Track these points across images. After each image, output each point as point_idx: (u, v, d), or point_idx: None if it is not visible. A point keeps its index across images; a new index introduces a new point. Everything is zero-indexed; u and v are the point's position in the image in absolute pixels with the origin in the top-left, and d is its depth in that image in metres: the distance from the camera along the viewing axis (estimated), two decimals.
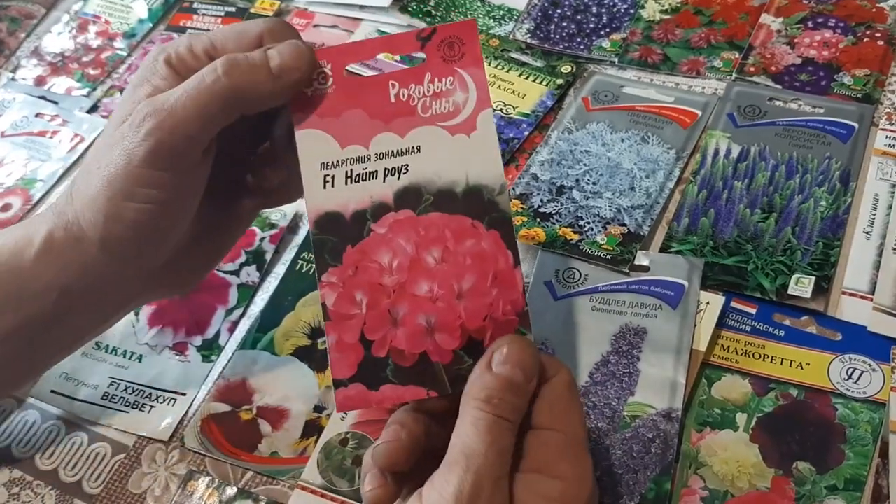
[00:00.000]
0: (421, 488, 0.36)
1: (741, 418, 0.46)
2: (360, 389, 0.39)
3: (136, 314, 0.56)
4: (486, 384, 0.36)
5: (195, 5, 0.78)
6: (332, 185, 0.40)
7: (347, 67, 0.41)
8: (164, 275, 0.45)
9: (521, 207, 0.58)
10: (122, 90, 0.72)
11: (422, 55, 0.41)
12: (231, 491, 0.47)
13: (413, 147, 0.40)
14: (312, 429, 0.49)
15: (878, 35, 0.65)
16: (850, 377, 0.47)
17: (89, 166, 0.41)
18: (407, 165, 0.40)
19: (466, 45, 0.40)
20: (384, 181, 0.40)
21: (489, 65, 0.67)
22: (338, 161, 0.40)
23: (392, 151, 0.40)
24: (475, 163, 0.40)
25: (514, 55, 0.68)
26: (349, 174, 0.40)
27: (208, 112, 0.39)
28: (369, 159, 0.40)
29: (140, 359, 0.54)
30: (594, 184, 0.58)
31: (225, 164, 0.44)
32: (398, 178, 0.40)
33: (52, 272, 0.42)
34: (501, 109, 0.64)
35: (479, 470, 0.34)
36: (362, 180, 0.40)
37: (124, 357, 0.54)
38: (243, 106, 0.40)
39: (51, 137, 0.69)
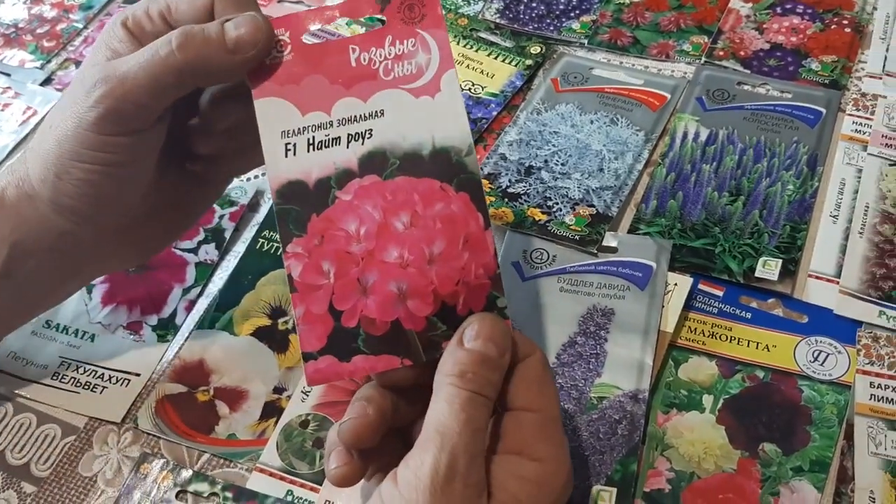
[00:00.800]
0: (395, 468, 0.35)
1: (707, 400, 0.46)
2: (330, 361, 0.38)
3: (89, 292, 0.54)
4: (459, 359, 0.35)
5: None
6: (294, 154, 0.39)
7: (306, 35, 0.40)
8: (121, 243, 0.45)
9: (490, 187, 0.57)
10: (77, 63, 0.69)
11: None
12: (186, 474, 0.46)
13: (376, 111, 0.39)
14: (272, 410, 0.48)
15: (845, 22, 0.65)
16: (816, 359, 0.47)
17: (44, 127, 0.42)
18: (371, 130, 0.39)
19: (427, 7, 0.39)
20: (348, 147, 0.39)
21: (458, 44, 0.66)
22: (299, 129, 0.39)
23: (355, 116, 0.39)
24: (441, 124, 0.39)
25: (483, 35, 0.67)
26: (311, 141, 0.39)
27: (161, 83, 0.39)
28: (331, 125, 0.39)
29: (93, 338, 0.52)
30: (563, 164, 0.58)
31: (175, 133, 0.44)
32: (362, 144, 0.39)
33: (3, 227, 0.42)
34: (470, 89, 0.63)
35: (455, 448, 0.33)
36: (325, 147, 0.39)
37: (76, 336, 0.52)
38: (198, 80, 0.40)
39: (2, 110, 0.66)
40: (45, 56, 0.70)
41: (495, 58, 0.65)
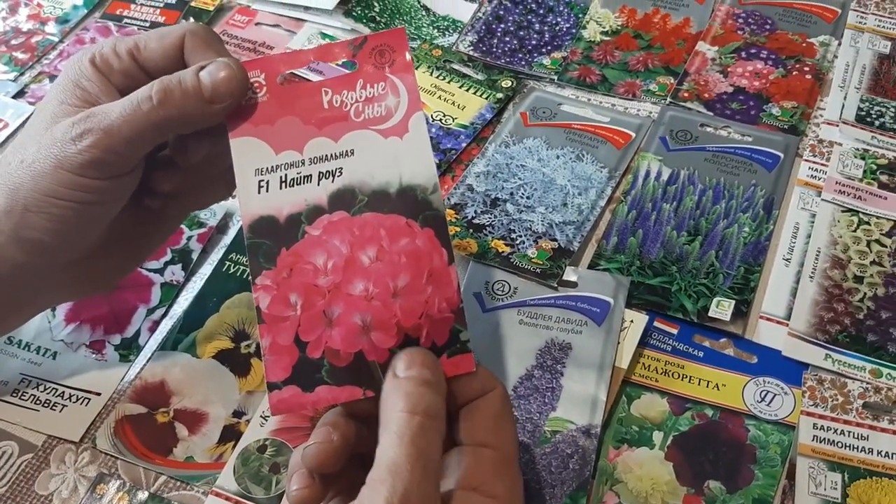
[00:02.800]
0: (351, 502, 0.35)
1: (657, 436, 0.47)
2: (294, 392, 0.38)
3: (53, 310, 0.54)
4: (401, 387, 0.36)
5: None
6: (267, 190, 0.40)
7: (292, 71, 0.42)
8: (74, 275, 0.45)
9: (455, 218, 0.58)
10: (51, 77, 0.70)
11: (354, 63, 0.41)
12: (142, 495, 0.46)
13: (347, 151, 0.40)
14: (230, 434, 0.48)
15: (806, 69, 0.67)
16: (763, 399, 0.49)
17: (9, 160, 0.42)
18: (341, 168, 0.40)
19: (396, 52, 0.41)
20: (318, 184, 0.40)
21: (431, 75, 0.67)
22: (272, 167, 0.40)
23: (326, 156, 0.40)
24: (408, 164, 0.40)
25: (455, 66, 0.68)
26: (283, 179, 0.40)
27: (143, 136, 0.40)
28: (303, 164, 0.40)
29: (54, 356, 0.52)
30: (528, 198, 0.59)
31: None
32: (332, 181, 0.40)
33: None
34: (441, 120, 0.65)
35: (407, 488, 0.33)
36: (297, 184, 0.40)
37: (38, 353, 0.52)
38: (178, 129, 0.42)
39: None
40: (19, 68, 0.70)
41: (467, 90, 0.67)
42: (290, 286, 0.39)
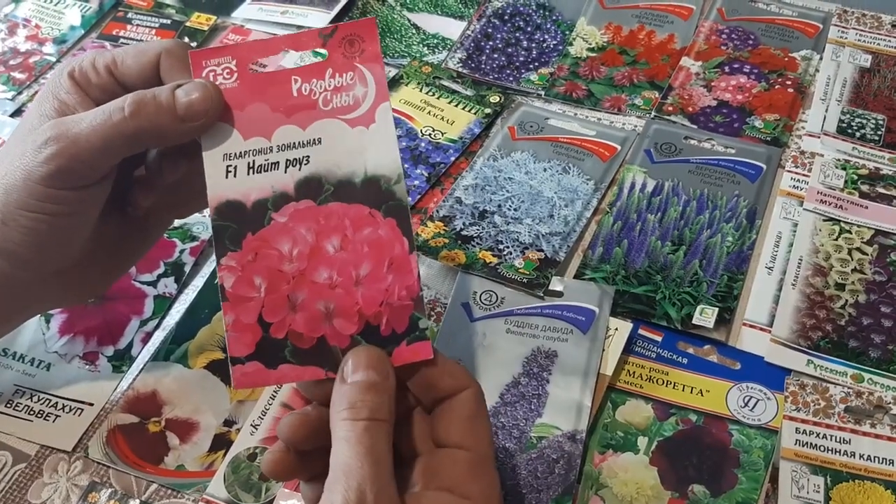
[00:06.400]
0: None
1: (642, 441, 0.48)
2: (258, 367, 0.39)
3: (47, 322, 0.55)
4: (345, 394, 0.37)
5: (129, 15, 0.77)
6: (234, 175, 0.41)
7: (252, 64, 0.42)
8: (60, 284, 0.46)
9: (444, 229, 0.59)
10: None
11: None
12: (133, 503, 0.47)
13: (314, 139, 0.41)
14: (221, 443, 0.49)
15: (788, 83, 0.68)
16: (746, 405, 0.49)
17: None
18: (308, 157, 0.41)
19: (366, 42, 0.42)
20: (285, 172, 0.41)
21: (421, 91, 0.69)
22: (240, 152, 0.41)
23: (294, 143, 0.41)
24: (373, 154, 0.41)
25: (445, 83, 0.70)
26: (251, 165, 0.41)
27: (112, 146, 0.40)
28: (271, 151, 0.41)
29: (48, 367, 0.53)
30: (515, 210, 0.60)
31: (118, 181, 0.45)
32: (299, 169, 0.41)
33: None
34: (430, 134, 0.66)
35: (361, 483, 0.34)
36: (264, 171, 0.41)
37: (32, 365, 0.53)
38: (148, 143, 0.42)
39: None
40: (17, 87, 0.72)
41: (456, 105, 0.68)
42: (254, 269, 0.40)
